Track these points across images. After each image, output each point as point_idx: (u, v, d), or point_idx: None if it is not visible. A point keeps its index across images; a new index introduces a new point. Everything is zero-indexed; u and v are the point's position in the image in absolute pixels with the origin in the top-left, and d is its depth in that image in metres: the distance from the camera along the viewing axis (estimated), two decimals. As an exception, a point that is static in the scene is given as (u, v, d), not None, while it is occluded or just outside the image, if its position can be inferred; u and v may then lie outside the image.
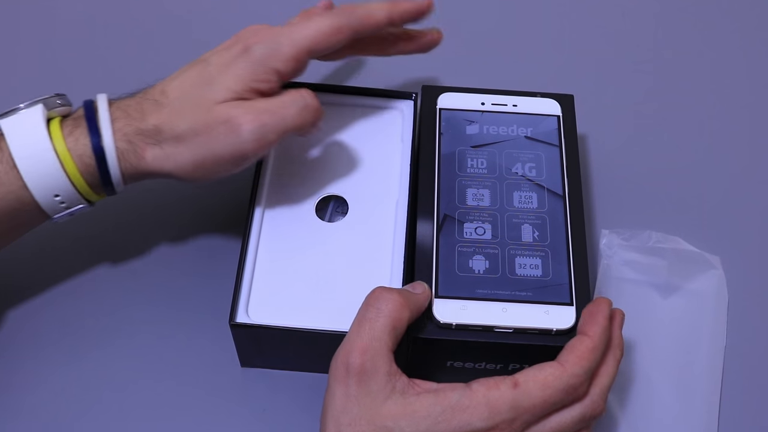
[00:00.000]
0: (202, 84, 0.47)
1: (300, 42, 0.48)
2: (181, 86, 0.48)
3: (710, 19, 0.72)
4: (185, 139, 0.47)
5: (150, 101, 0.48)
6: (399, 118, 0.56)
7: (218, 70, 0.48)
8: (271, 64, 0.48)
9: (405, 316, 0.44)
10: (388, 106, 0.57)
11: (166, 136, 0.47)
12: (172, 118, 0.47)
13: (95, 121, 0.47)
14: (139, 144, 0.47)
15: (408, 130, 0.55)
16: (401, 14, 0.51)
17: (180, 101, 0.47)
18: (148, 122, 0.47)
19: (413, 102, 0.56)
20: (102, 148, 0.47)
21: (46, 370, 0.53)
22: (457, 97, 0.57)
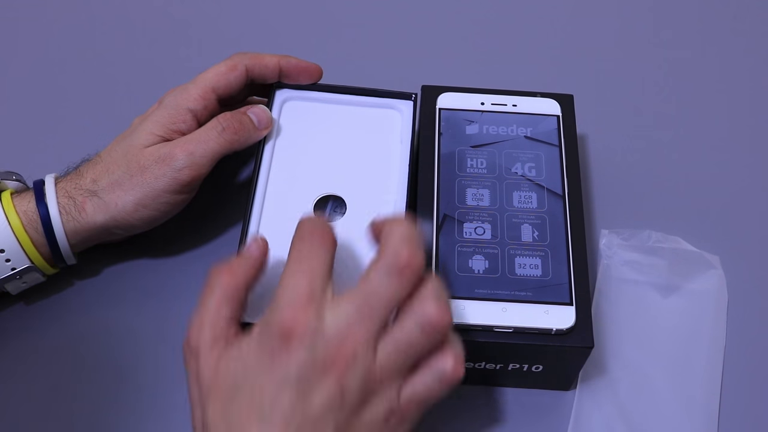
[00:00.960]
0: (127, 137, 0.53)
1: (203, 82, 0.54)
2: (111, 146, 0.53)
3: (710, 19, 0.72)
4: (122, 184, 0.51)
5: (86, 163, 0.53)
6: (398, 119, 0.56)
7: (139, 122, 0.54)
8: (183, 104, 0.53)
9: (240, 282, 0.43)
10: (387, 105, 0.57)
11: (102, 185, 0.51)
12: (107, 168, 0.52)
13: (41, 187, 0.52)
14: (78, 198, 0.51)
15: (407, 131, 0.55)
16: (289, 68, 0.56)
17: (111, 155, 0.53)
18: (85, 178, 0.52)
19: (413, 102, 0.56)
20: (45, 204, 0.51)
21: (47, 369, 0.53)
22: (456, 97, 0.57)
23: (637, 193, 0.62)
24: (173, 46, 0.69)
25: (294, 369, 0.39)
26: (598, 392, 0.53)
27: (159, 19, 0.71)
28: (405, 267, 0.41)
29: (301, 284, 0.41)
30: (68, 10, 0.71)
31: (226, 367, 0.41)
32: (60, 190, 0.51)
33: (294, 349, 0.39)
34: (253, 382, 0.40)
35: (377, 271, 0.41)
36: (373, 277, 0.41)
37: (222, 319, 0.42)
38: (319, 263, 0.42)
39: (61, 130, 0.64)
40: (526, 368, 0.51)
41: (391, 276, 0.41)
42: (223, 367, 0.41)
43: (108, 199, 0.51)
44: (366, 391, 0.40)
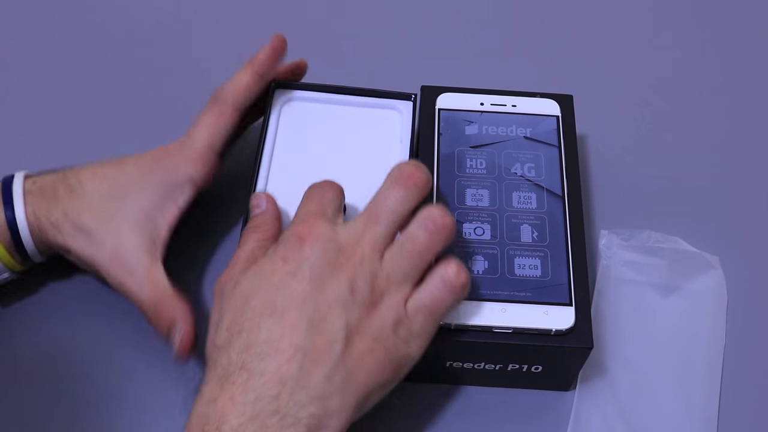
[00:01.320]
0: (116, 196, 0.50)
1: (201, 142, 0.52)
2: (96, 183, 0.51)
3: (711, 19, 0.72)
4: (80, 235, 0.50)
5: (65, 186, 0.50)
6: (398, 119, 0.56)
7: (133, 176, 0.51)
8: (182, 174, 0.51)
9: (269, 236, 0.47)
10: (387, 106, 0.57)
11: (67, 225, 0.50)
12: (79, 211, 0.50)
13: (10, 196, 0.50)
14: (43, 222, 0.50)
15: (407, 131, 0.55)
16: (262, 65, 0.54)
17: (92, 198, 0.50)
18: (58, 206, 0.50)
19: (412, 102, 0.56)
20: (15, 221, 0.49)
21: (46, 369, 0.53)
22: (456, 98, 0.57)
23: (637, 194, 0.62)
24: (170, 44, 0.69)
25: (307, 264, 0.42)
26: (598, 392, 0.53)
27: (159, 18, 0.71)
28: (408, 178, 0.44)
29: (313, 207, 0.45)
30: (66, 10, 0.71)
31: (243, 282, 0.43)
32: (29, 203, 0.50)
33: (307, 248, 0.42)
34: (267, 283, 0.42)
35: (384, 185, 0.45)
36: (380, 190, 0.45)
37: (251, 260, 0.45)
38: (329, 197, 0.46)
39: (53, 124, 0.64)
40: (526, 369, 0.51)
41: (395, 186, 0.44)
42: (241, 282, 0.43)
43: (65, 240, 0.50)
44: (374, 292, 0.42)
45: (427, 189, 0.45)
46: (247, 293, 0.42)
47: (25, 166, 0.56)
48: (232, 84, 0.53)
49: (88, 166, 0.52)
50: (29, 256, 0.51)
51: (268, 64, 0.54)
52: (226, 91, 0.53)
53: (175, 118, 0.57)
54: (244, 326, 0.41)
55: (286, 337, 0.40)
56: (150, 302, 0.49)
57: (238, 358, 0.40)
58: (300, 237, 0.42)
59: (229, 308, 0.43)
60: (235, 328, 0.41)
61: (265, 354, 0.40)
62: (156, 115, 0.64)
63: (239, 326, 0.41)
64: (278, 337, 0.40)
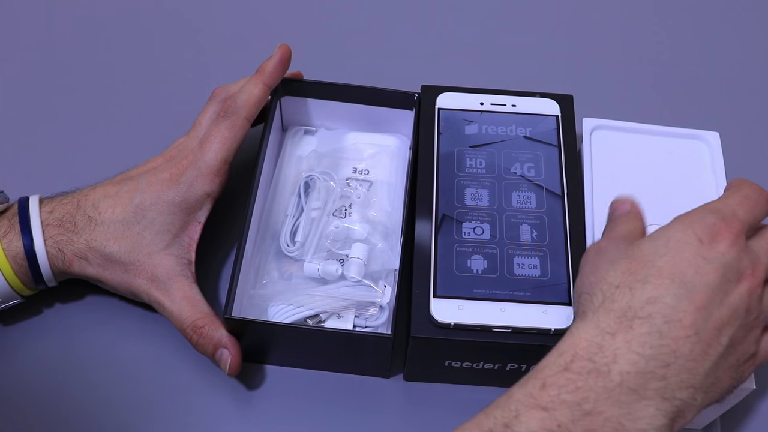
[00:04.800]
0: (136, 220, 0.51)
1: (216, 157, 0.51)
2: (114, 209, 0.51)
3: (711, 19, 0.72)
4: (112, 264, 0.50)
5: (83, 215, 0.51)
6: (706, 150, 0.57)
7: (150, 200, 0.51)
8: (199, 191, 0.51)
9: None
10: (694, 137, 0.57)
11: (96, 258, 0.50)
12: (105, 241, 0.50)
13: (28, 226, 0.50)
14: (67, 254, 0.50)
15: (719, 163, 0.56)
16: (272, 77, 0.54)
17: (114, 225, 0.50)
18: (79, 236, 0.50)
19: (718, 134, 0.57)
20: (34, 252, 0.50)
21: (45, 368, 0.53)
22: (456, 97, 0.57)
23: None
24: (170, 43, 0.69)
25: (721, 260, 0.41)
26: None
27: (159, 17, 0.71)
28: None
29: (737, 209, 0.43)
30: (68, 10, 0.71)
31: (646, 241, 0.43)
32: (49, 237, 0.50)
33: (724, 244, 0.41)
34: (679, 253, 0.41)
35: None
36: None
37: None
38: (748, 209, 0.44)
39: (54, 123, 0.64)
40: (525, 368, 0.51)
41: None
42: (643, 241, 0.43)
43: (97, 272, 0.51)
44: (756, 320, 0.43)
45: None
46: (651, 251, 0.42)
47: (26, 165, 0.56)
48: (244, 97, 0.53)
49: (98, 188, 0.52)
50: (44, 282, 0.51)
51: (277, 75, 0.55)
52: (239, 105, 0.52)
53: (173, 117, 0.58)
54: (648, 279, 0.41)
55: (691, 315, 0.40)
56: (191, 326, 0.50)
57: (642, 307, 0.40)
58: (715, 233, 0.42)
59: (627, 255, 0.43)
60: (639, 275, 0.41)
61: (670, 319, 0.40)
62: (156, 114, 0.64)
63: (642, 276, 0.41)
64: (685, 309, 0.40)
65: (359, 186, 0.57)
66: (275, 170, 0.58)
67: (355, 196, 0.56)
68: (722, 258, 0.41)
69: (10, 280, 0.50)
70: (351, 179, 0.58)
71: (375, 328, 0.52)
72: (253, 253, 0.54)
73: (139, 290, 0.51)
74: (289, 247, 0.54)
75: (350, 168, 0.58)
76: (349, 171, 0.58)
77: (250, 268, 0.53)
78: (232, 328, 0.50)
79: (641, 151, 0.57)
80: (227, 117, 0.52)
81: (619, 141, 0.57)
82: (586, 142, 0.56)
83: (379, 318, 0.52)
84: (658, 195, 0.55)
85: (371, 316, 0.52)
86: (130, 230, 0.50)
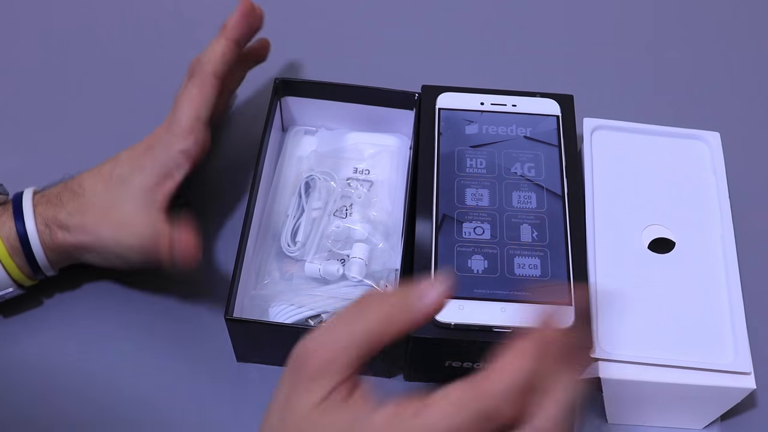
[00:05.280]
0: (115, 187, 0.51)
1: (187, 116, 0.51)
2: (95, 183, 0.52)
3: (711, 19, 0.72)
4: (90, 227, 0.51)
5: (68, 192, 0.52)
6: (706, 150, 0.57)
7: (127, 162, 0.52)
8: (174, 149, 0.51)
9: (387, 332, 0.36)
10: (693, 137, 0.58)
11: (75, 222, 0.51)
12: (84, 208, 0.51)
13: (20, 207, 0.51)
14: (53, 228, 0.51)
15: (719, 163, 0.56)
16: (233, 30, 0.54)
17: (95, 195, 0.51)
18: (63, 210, 0.51)
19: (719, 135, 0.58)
20: (26, 232, 0.51)
21: (42, 365, 0.53)
22: (456, 97, 0.57)
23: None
24: (170, 42, 0.69)
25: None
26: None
27: (158, 17, 0.71)
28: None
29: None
30: (67, 10, 0.71)
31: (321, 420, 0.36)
32: (38, 214, 0.51)
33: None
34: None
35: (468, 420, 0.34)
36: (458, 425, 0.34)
37: (347, 358, 0.36)
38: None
39: (53, 123, 0.64)
40: (525, 368, 0.51)
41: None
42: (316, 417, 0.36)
43: (76, 239, 0.51)
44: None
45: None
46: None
47: (25, 166, 0.56)
48: (207, 54, 0.53)
49: (84, 172, 0.53)
50: (41, 269, 0.52)
51: (239, 29, 0.54)
52: (203, 62, 0.53)
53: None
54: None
55: None
56: (150, 240, 0.50)
57: None
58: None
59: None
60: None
61: None
62: (156, 114, 0.64)
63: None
64: None
65: (360, 186, 0.57)
66: (275, 170, 0.58)
67: (355, 196, 0.56)
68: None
69: (6, 266, 0.51)
70: (352, 179, 0.58)
71: (376, 328, 0.52)
72: (254, 254, 0.54)
73: (105, 240, 0.51)
74: (290, 247, 0.54)
75: (351, 168, 0.58)
76: (350, 171, 0.58)
77: (251, 268, 0.53)
78: (233, 328, 0.50)
79: (642, 151, 0.57)
80: (194, 76, 0.52)
81: (620, 141, 0.57)
82: (586, 142, 0.56)
83: (379, 318, 0.52)
84: (658, 195, 0.55)
85: (372, 316, 0.52)
86: (107, 196, 0.51)
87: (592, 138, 0.57)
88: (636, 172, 0.56)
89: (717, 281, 0.52)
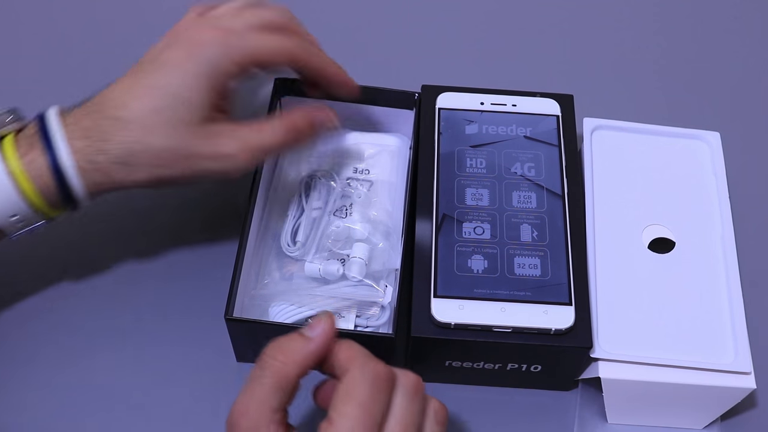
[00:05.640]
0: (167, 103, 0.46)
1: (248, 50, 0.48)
2: (141, 99, 0.46)
3: (712, 18, 0.72)
4: (160, 158, 0.46)
5: (108, 118, 0.46)
6: (707, 150, 0.57)
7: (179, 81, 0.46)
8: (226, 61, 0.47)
9: (293, 373, 0.41)
10: (693, 136, 0.58)
11: (139, 156, 0.46)
12: (141, 137, 0.46)
13: (50, 140, 0.45)
14: (103, 164, 0.46)
15: (720, 164, 0.56)
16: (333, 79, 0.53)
17: (147, 116, 0.46)
18: (112, 143, 0.46)
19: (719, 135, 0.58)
20: (61, 168, 0.45)
21: (43, 367, 0.53)
22: (456, 97, 0.57)
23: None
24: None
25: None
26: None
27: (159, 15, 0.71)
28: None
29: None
30: (67, 9, 0.71)
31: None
32: (77, 152, 0.45)
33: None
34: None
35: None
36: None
37: (267, 410, 0.40)
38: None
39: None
40: (525, 368, 0.51)
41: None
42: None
43: (148, 172, 0.46)
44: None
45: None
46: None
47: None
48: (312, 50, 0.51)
49: (114, 86, 0.48)
50: (74, 201, 0.47)
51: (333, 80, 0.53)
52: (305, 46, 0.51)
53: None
54: None
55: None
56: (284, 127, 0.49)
57: None
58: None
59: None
60: None
61: None
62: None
63: None
64: None
65: (360, 186, 0.57)
66: (276, 170, 0.58)
67: (356, 196, 0.56)
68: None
69: (35, 200, 0.46)
70: (352, 179, 0.58)
71: (376, 328, 0.52)
72: (254, 254, 0.54)
73: (210, 167, 0.47)
74: (290, 247, 0.54)
75: (351, 168, 0.58)
76: (350, 171, 0.58)
77: (251, 268, 0.53)
78: (234, 328, 0.50)
79: (642, 151, 0.57)
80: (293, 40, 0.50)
81: (620, 141, 0.57)
82: (586, 142, 0.57)
83: (380, 318, 0.52)
84: (658, 195, 0.55)
85: (373, 316, 0.52)
86: (166, 114, 0.46)
87: (592, 138, 0.57)
88: (636, 171, 0.56)
89: (717, 281, 0.52)
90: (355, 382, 0.40)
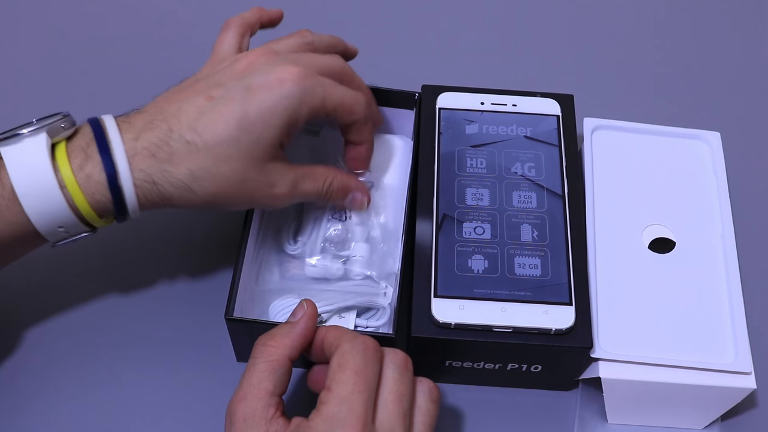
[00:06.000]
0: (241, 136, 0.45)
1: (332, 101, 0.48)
2: (215, 127, 0.45)
3: (712, 18, 0.72)
4: (223, 188, 0.46)
5: (179, 140, 0.44)
6: (707, 150, 0.57)
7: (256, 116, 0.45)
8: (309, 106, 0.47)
9: (284, 355, 0.44)
10: (693, 136, 0.58)
11: (202, 184, 0.45)
12: (212, 163, 0.45)
13: (110, 155, 0.44)
14: (165, 187, 0.45)
15: (720, 163, 0.56)
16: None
17: (219, 146, 0.44)
18: (179, 167, 0.44)
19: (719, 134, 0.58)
20: (119, 187, 0.44)
21: (43, 366, 0.53)
22: (456, 97, 0.57)
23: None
24: (171, 41, 0.69)
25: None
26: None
27: (158, 16, 0.71)
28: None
29: (358, 408, 0.41)
30: (66, 8, 0.71)
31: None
32: (138, 170, 0.44)
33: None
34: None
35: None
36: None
37: (264, 393, 0.43)
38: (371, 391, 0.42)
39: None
40: (525, 368, 0.51)
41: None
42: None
43: (208, 199, 0.46)
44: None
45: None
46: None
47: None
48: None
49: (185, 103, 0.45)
50: (126, 216, 0.46)
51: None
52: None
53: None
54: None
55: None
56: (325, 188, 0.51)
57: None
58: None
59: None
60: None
61: None
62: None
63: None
64: None
65: (360, 186, 0.57)
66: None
67: (355, 196, 0.56)
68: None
69: (85, 214, 0.44)
70: (352, 179, 0.58)
71: (377, 328, 0.52)
72: (254, 253, 0.54)
73: (260, 201, 0.48)
74: (290, 246, 0.54)
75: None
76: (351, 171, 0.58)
77: (251, 268, 0.53)
78: (234, 328, 0.50)
79: (642, 151, 0.57)
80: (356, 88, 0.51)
81: (620, 141, 0.57)
82: (586, 142, 0.57)
83: (380, 318, 0.52)
84: (658, 195, 0.55)
85: (373, 316, 0.52)
86: (238, 147, 0.45)
87: (592, 138, 0.57)
88: (636, 171, 0.56)
89: (717, 281, 0.52)
90: (347, 354, 0.42)
